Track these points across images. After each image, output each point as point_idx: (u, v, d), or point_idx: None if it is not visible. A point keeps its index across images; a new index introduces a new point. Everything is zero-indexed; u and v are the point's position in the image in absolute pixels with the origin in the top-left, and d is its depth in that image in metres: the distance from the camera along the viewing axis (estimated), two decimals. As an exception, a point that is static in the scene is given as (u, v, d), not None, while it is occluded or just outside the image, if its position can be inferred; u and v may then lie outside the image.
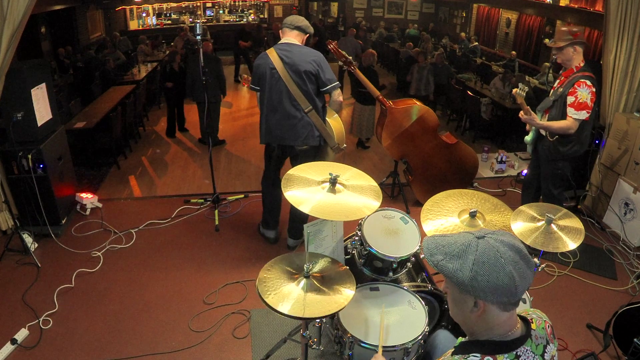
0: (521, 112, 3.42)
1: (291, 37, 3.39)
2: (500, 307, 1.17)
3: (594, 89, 3.18)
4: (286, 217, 3.87)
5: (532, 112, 3.36)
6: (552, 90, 3.49)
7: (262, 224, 4.01)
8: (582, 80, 3.18)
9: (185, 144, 6.64)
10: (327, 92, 3.40)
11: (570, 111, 3.23)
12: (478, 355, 1.19)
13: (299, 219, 3.65)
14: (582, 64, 3.28)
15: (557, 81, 3.46)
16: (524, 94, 3.25)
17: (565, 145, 3.37)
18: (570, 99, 3.22)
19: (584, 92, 3.16)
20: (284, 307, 1.82)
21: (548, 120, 3.41)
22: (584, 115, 3.20)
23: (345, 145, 3.76)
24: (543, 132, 3.51)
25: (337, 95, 3.42)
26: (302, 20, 3.41)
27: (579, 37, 3.20)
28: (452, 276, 1.17)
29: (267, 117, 3.43)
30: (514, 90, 3.29)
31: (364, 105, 6.06)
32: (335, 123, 3.64)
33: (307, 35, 3.45)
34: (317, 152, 3.55)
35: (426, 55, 7.90)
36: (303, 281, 1.94)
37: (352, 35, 9.02)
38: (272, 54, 3.34)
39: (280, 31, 3.48)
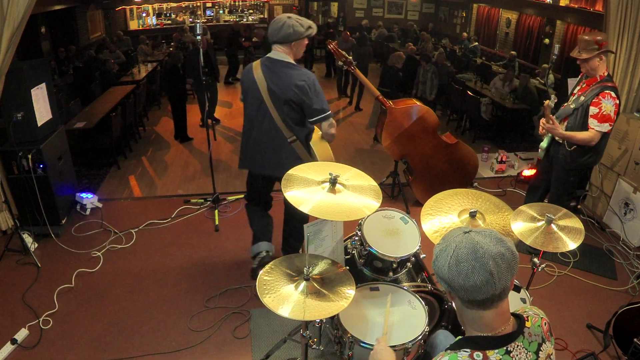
0: (542, 119, 3.32)
1: (277, 51, 2.83)
2: (463, 304, 1.25)
3: (617, 101, 3.10)
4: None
5: (556, 122, 3.24)
6: (572, 97, 3.37)
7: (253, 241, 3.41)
8: (607, 91, 3.08)
9: (186, 144, 6.63)
10: (315, 123, 2.90)
11: (592, 122, 3.13)
12: (468, 350, 1.23)
13: (294, 237, 3.33)
14: (605, 73, 3.18)
15: (578, 88, 3.34)
16: (553, 105, 3.19)
17: (583, 155, 3.29)
18: (593, 110, 3.13)
19: (609, 104, 3.07)
20: (284, 311, 1.82)
21: (566, 128, 3.31)
22: (606, 127, 3.11)
23: None
24: (560, 140, 3.40)
25: (328, 127, 2.90)
26: (285, 28, 2.72)
27: (605, 46, 3.09)
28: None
29: (246, 137, 3.03)
30: (546, 102, 3.21)
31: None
32: (322, 147, 3.18)
33: (297, 40, 2.78)
34: None
35: (428, 58, 7.73)
36: (303, 284, 1.94)
37: (345, 39, 9.03)
38: (257, 70, 2.86)
39: None
